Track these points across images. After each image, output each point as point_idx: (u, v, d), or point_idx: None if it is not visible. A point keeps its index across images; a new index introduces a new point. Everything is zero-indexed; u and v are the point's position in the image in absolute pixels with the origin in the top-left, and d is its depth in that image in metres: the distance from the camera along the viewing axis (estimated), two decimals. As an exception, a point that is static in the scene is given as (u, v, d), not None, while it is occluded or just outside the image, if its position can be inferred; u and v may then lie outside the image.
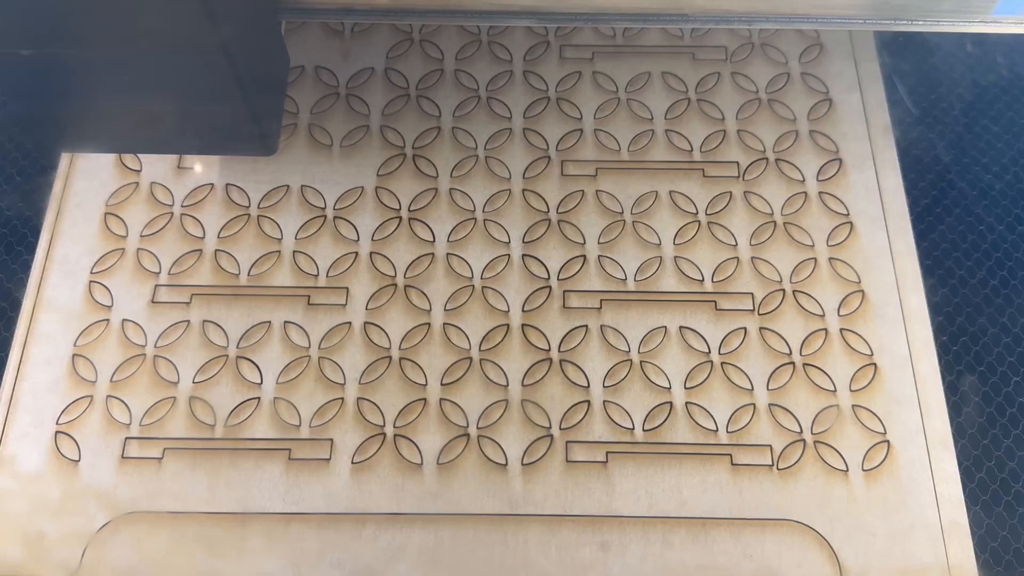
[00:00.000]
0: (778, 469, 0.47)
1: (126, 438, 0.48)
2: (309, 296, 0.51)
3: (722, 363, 0.50)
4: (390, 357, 0.50)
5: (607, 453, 0.47)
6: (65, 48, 0.40)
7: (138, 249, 0.53)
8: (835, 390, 0.49)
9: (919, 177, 0.56)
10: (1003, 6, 0.64)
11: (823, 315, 0.51)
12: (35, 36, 0.39)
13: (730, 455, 0.47)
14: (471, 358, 0.50)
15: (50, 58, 0.40)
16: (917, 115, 0.59)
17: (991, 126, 0.59)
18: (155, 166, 0.55)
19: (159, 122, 0.46)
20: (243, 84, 0.42)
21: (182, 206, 0.54)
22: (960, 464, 0.47)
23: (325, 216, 0.54)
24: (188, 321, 0.51)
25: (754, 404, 0.49)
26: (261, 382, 0.49)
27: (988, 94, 0.60)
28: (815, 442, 0.48)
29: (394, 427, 0.48)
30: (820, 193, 0.54)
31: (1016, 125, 0.59)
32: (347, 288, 0.52)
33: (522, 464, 0.47)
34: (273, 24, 0.51)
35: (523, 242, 0.53)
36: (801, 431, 0.48)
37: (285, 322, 0.51)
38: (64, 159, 0.55)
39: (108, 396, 0.49)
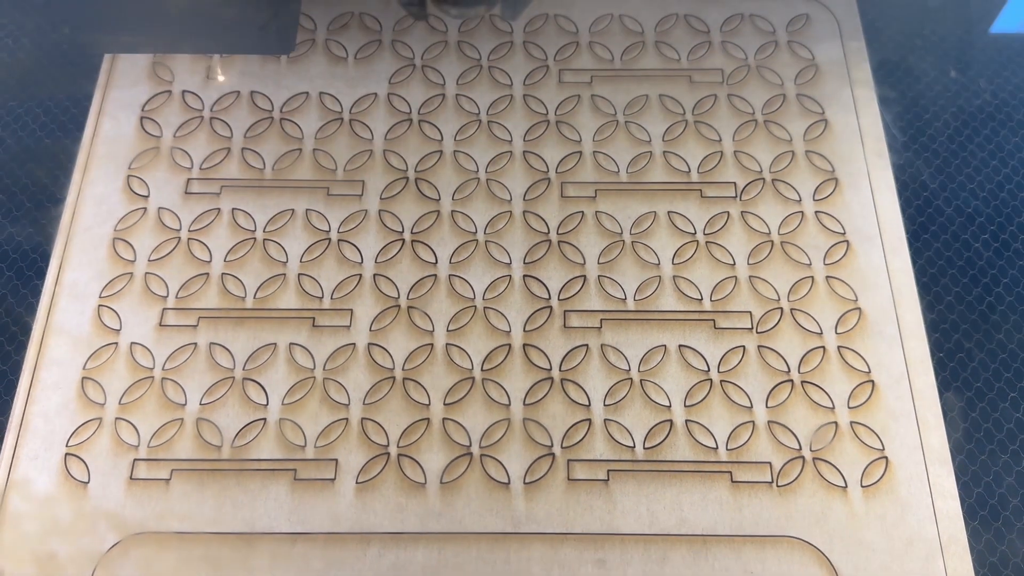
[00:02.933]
0: (778, 486, 0.48)
1: (134, 460, 0.48)
2: (314, 318, 0.52)
3: (721, 381, 0.50)
4: (394, 377, 0.51)
5: (608, 471, 0.48)
6: None
7: (146, 273, 0.54)
8: (833, 407, 0.49)
9: (914, 196, 0.57)
10: (1002, 22, 0.65)
11: (821, 333, 0.51)
12: None
13: (730, 472, 0.48)
14: (473, 378, 0.50)
15: None
16: (908, 137, 0.59)
17: (985, 144, 0.60)
18: (163, 191, 0.56)
19: (184, 21, 0.46)
20: None
21: (189, 231, 0.55)
22: (958, 479, 0.47)
23: (329, 239, 0.55)
24: (195, 344, 0.51)
25: (753, 421, 0.49)
26: (267, 403, 0.50)
27: (975, 119, 0.61)
28: (814, 459, 0.48)
29: (398, 447, 0.49)
30: (817, 212, 0.55)
31: (1003, 150, 0.59)
32: (351, 310, 0.52)
33: (524, 483, 0.48)
34: None
35: (524, 263, 0.54)
36: (800, 448, 0.48)
37: (290, 344, 0.51)
38: (73, 186, 0.56)
39: (117, 418, 0.49)
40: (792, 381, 0.50)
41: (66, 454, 0.49)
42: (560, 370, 0.51)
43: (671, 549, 0.46)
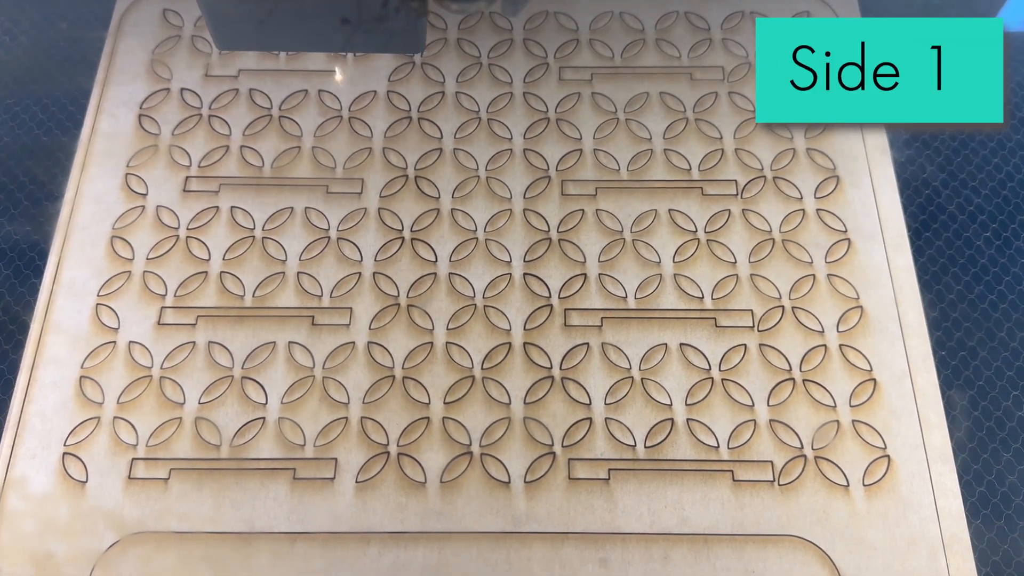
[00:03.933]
0: (779, 485, 0.47)
1: (133, 459, 0.48)
2: (313, 317, 0.52)
3: (722, 379, 0.50)
4: (393, 376, 0.50)
5: (609, 470, 0.48)
6: None
7: (144, 272, 0.53)
8: (835, 405, 0.49)
9: (916, 193, 0.57)
10: (1010, 17, 0.65)
11: (822, 331, 0.51)
12: None
13: (731, 471, 0.48)
14: (473, 376, 0.50)
15: None
16: (910, 133, 0.59)
17: (987, 141, 0.59)
18: (161, 189, 0.56)
19: (315, 20, 0.47)
20: None
21: (188, 229, 0.55)
22: (960, 478, 0.47)
23: (328, 237, 0.54)
24: (194, 343, 0.51)
25: (755, 420, 0.49)
26: (266, 402, 0.50)
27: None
28: (816, 457, 0.48)
29: (398, 446, 0.49)
30: (818, 210, 0.55)
31: (1005, 147, 0.59)
32: (350, 308, 0.52)
33: (525, 482, 0.48)
34: None
35: (524, 261, 0.54)
36: (802, 447, 0.48)
37: (289, 343, 0.51)
38: (71, 183, 0.56)
39: (115, 417, 0.49)
40: (794, 379, 0.50)
41: (64, 453, 0.48)
42: (561, 369, 0.50)
43: (672, 548, 0.46)
